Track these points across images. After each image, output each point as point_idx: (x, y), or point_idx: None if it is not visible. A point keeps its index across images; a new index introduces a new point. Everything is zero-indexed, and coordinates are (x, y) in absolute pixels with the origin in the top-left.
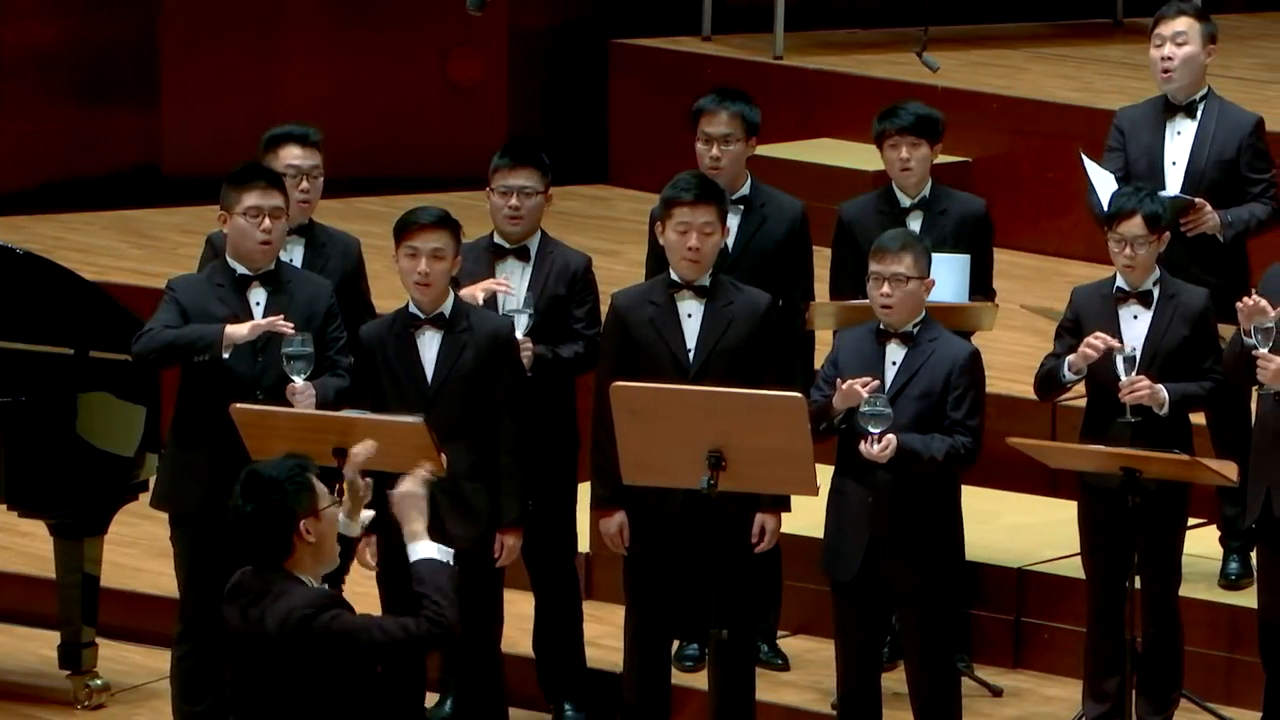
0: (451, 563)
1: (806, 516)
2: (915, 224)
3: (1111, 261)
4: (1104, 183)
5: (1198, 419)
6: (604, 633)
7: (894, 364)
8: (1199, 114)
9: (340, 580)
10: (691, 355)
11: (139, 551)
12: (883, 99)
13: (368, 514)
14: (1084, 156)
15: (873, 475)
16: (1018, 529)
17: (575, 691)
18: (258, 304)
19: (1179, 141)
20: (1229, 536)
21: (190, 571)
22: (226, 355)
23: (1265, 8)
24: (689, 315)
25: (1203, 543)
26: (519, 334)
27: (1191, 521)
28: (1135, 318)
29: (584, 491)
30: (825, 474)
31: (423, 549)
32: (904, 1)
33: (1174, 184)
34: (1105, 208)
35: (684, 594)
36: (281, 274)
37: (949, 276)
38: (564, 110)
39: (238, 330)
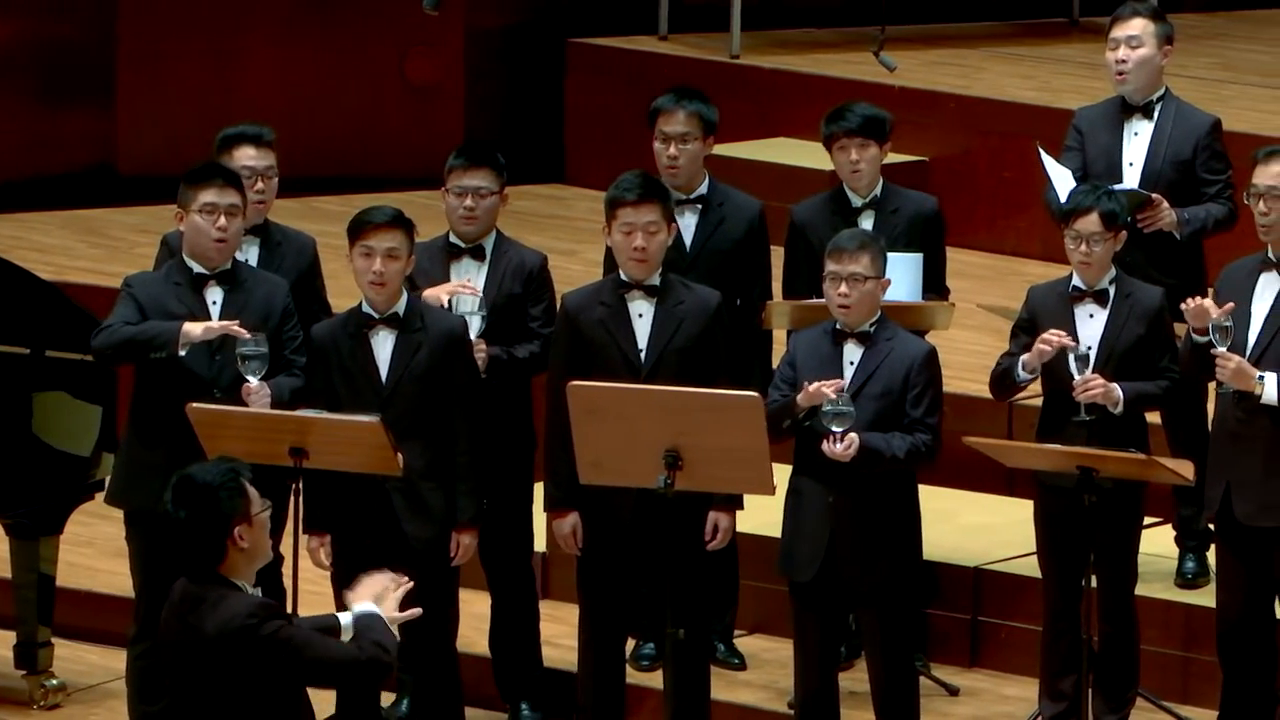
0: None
1: (763, 516)
2: (867, 224)
3: (1068, 260)
4: (1061, 178)
5: (1154, 418)
6: (560, 632)
7: (851, 364)
8: (1156, 115)
9: (277, 571)
10: (643, 355)
11: (95, 551)
12: (840, 98)
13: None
14: (1042, 152)
15: (832, 475)
16: (974, 528)
17: (531, 691)
18: (214, 303)
19: (1136, 142)
20: (1185, 536)
21: (146, 571)
22: (183, 353)
23: (1221, 7)
24: (640, 315)
25: (1159, 542)
26: (473, 336)
27: (1147, 520)
28: (1091, 316)
29: (540, 491)
30: (782, 474)
31: (361, 605)
32: (861, 1)
33: (1131, 184)
34: (1062, 203)
35: (638, 594)
36: (238, 273)
37: (902, 275)
38: (521, 110)
39: (193, 329)
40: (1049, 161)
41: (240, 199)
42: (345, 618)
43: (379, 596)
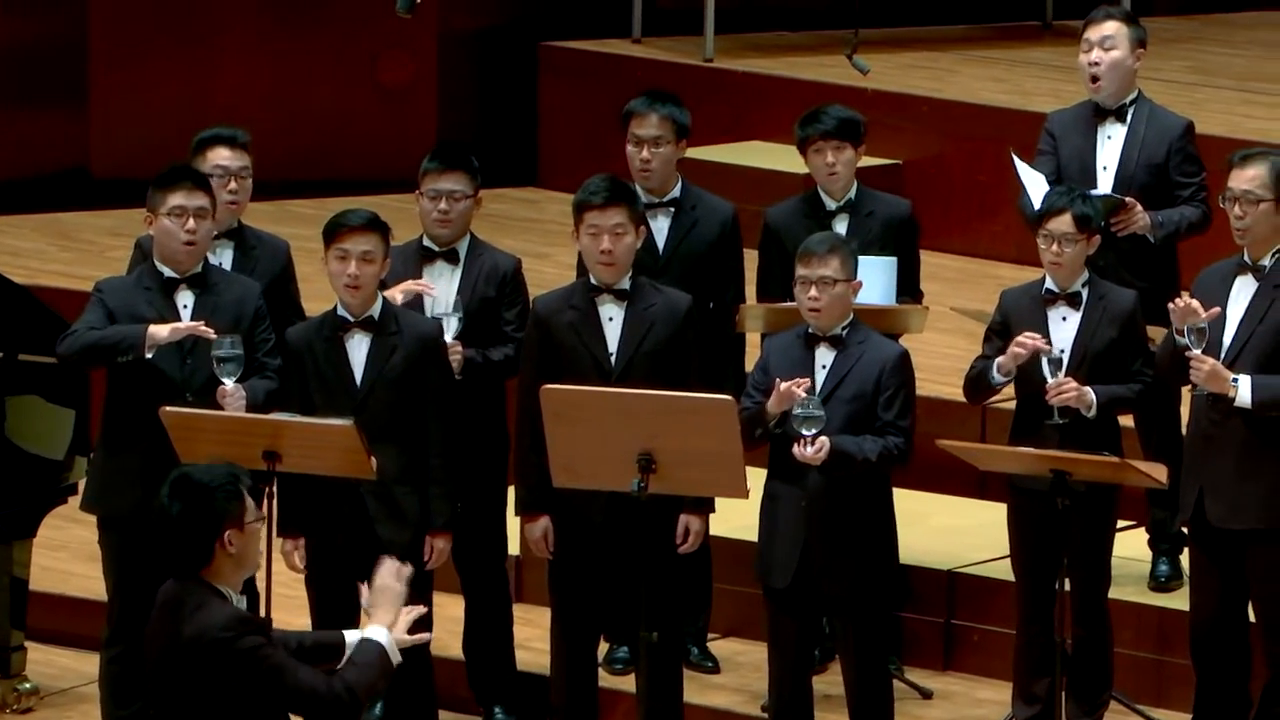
0: (395, 660)
1: (736, 519)
2: (841, 227)
3: (1041, 263)
4: (1035, 184)
5: (1126, 421)
6: (534, 635)
7: (824, 367)
8: (1129, 118)
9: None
10: (613, 359)
11: (68, 555)
12: (813, 101)
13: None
14: (1014, 157)
15: (805, 479)
16: (947, 531)
17: (506, 694)
18: (185, 306)
19: (1110, 146)
20: (1157, 539)
21: (119, 575)
22: (149, 355)
23: (1194, 11)
24: (610, 319)
25: (1132, 545)
26: (448, 338)
27: (1121, 524)
28: (1064, 319)
29: (514, 494)
30: (757, 478)
31: (378, 634)
32: (834, 4)
33: (1105, 188)
34: (1036, 208)
35: (611, 597)
36: (209, 276)
37: (875, 279)
38: (494, 113)
39: (159, 331)
40: (1022, 168)
41: (209, 201)
42: (351, 635)
43: (393, 615)
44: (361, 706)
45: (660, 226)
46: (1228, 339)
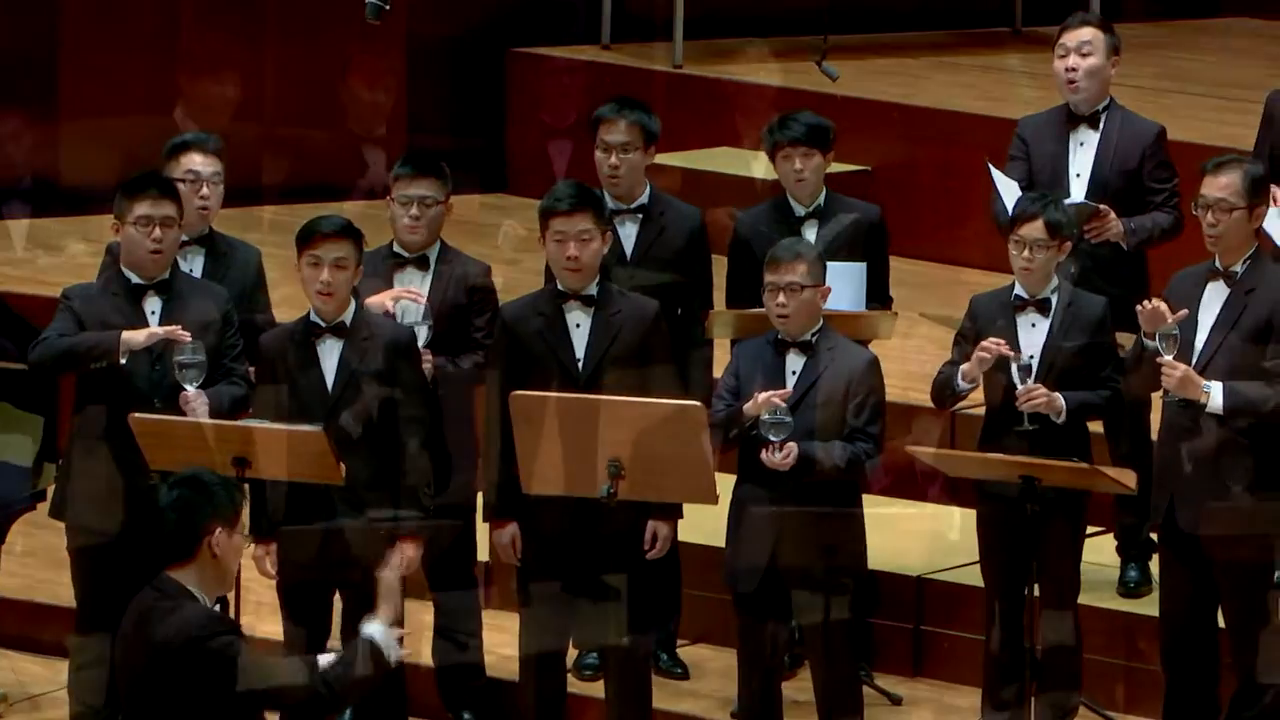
0: (392, 661)
1: (705, 525)
2: (810, 233)
3: (1011, 269)
4: (1010, 192)
5: (1096, 427)
6: (503, 642)
7: (794, 373)
8: (1102, 124)
9: None
10: (581, 365)
11: (37, 562)
12: (782, 108)
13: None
14: (990, 166)
15: (775, 485)
16: (917, 537)
17: (475, 700)
18: (153, 313)
19: (1082, 152)
20: (1127, 545)
21: (87, 581)
22: (124, 361)
23: (1164, 16)
24: (577, 325)
25: (1101, 551)
26: (418, 346)
27: (1090, 530)
28: (1033, 325)
29: (482, 500)
30: (726, 484)
31: (377, 630)
32: (803, 10)
33: (1078, 194)
34: (1009, 215)
35: (579, 603)
36: (176, 282)
37: (845, 285)
38: (463, 119)
39: (134, 336)
40: (998, 176)
41: (175, 210)
42: (325, 659)
43: (391, 609)
44: (341, 700)
45: (628, 232)
46: (1199, 345)
